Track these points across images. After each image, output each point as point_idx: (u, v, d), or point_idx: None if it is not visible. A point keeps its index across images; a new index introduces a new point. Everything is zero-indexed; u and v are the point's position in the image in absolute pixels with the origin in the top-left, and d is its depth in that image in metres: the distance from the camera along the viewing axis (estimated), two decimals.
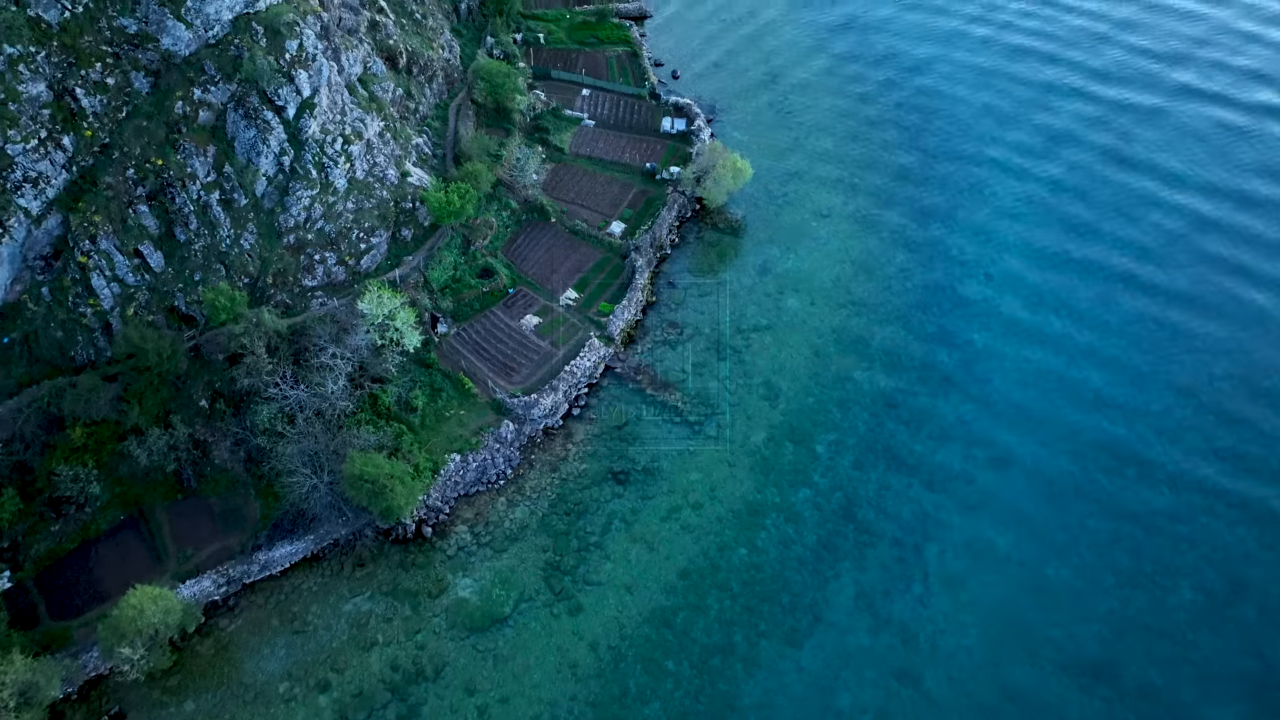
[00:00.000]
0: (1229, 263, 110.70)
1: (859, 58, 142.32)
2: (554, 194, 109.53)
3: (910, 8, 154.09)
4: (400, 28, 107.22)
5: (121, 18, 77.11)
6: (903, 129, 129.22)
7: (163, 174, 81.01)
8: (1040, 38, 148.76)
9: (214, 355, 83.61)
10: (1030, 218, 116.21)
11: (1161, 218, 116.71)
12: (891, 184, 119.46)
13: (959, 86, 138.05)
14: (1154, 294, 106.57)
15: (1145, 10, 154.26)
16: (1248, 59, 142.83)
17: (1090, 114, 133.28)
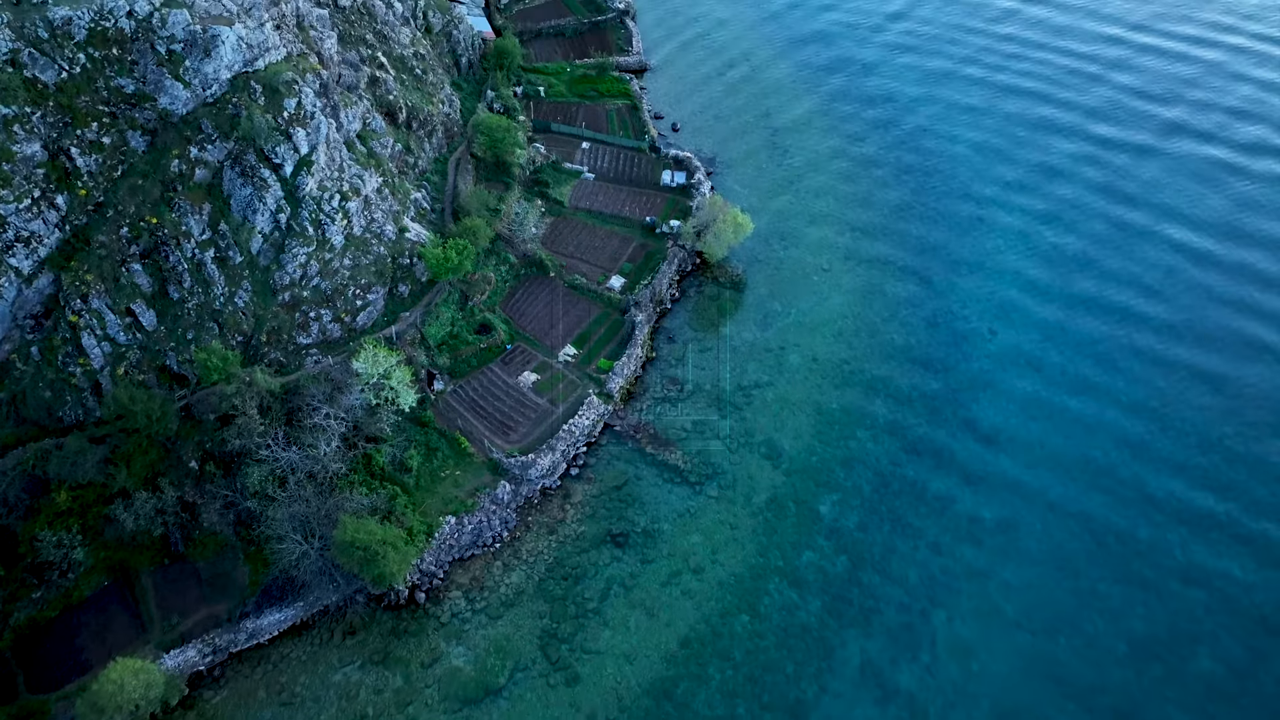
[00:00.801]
0: (1235, 303, 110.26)
1: (856, 106, 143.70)
2: (553, 248, 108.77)
3: (903, 50, 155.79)
4: (400, 83, 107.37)
5: (119, 78, 76.82)
6: (902, 179, 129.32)
7: (157, 232, 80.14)
8: (1033, 79, 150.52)
9: (205, 415, 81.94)
10: (1033, 270, 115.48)
11: (1164, 257, 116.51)
12: (892, 236, 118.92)
13: (956, 133, 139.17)
14: (1161, 340, 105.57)
15: (1136, 51, 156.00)
16: (1236, 99, 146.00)
17: (1084, 153, 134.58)
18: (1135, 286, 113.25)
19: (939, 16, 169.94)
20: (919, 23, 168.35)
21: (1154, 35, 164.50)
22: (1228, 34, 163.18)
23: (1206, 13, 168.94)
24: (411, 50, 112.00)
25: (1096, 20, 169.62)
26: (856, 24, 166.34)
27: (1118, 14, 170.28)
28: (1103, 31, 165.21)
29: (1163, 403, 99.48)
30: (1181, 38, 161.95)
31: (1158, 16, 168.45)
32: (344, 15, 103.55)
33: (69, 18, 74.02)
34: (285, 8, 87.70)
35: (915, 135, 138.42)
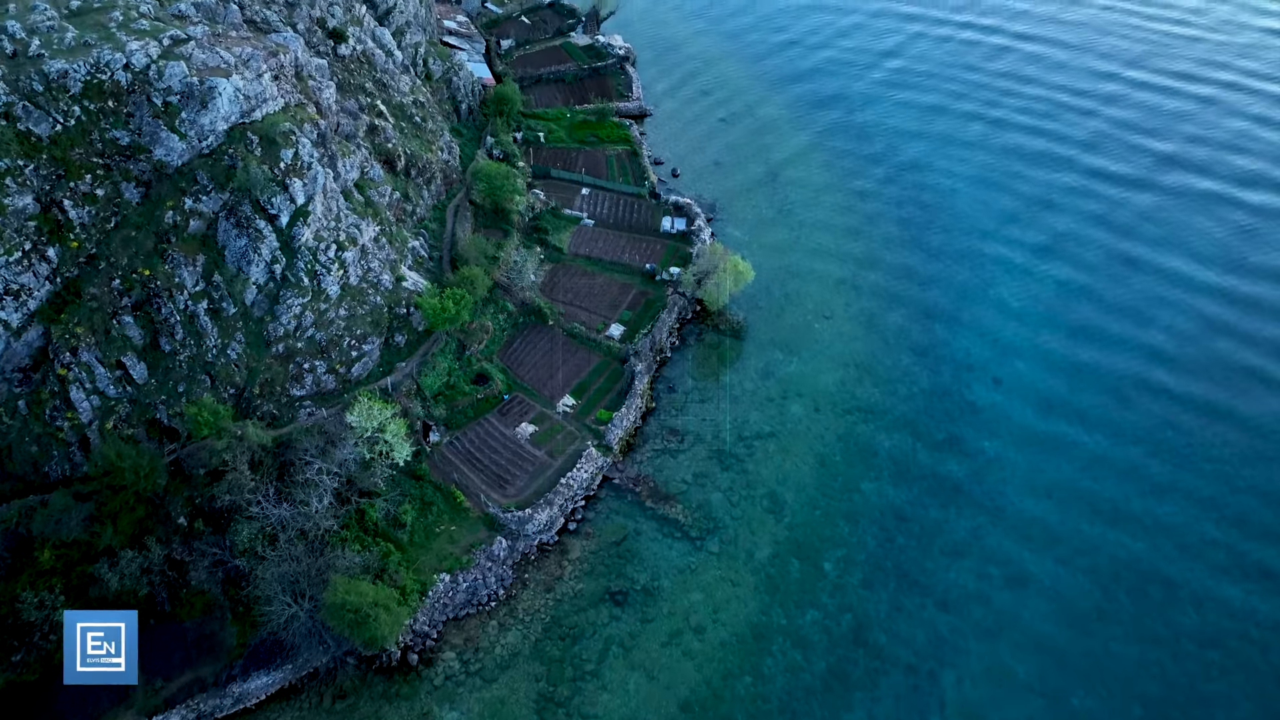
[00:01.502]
0: (1243, 337, 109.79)
1: (854, 147, 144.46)
2: (552, 295, 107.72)
3: (900, 102, 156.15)
4: (399, 131, 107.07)
5: (115, 130, 76.24)
6: (903, 222, 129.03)
7: (149, 284, 79.03)
8: (1033, 134, 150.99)
9: (195, 470, 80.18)
10: (1036, 316, 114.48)
11: (1170, 313, 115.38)
12: (894, 282, 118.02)
13: (955, 170, 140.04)
14: (1169, 396, 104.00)
15: (1139, 110, 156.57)
16: (1227, 134, 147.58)
17: (1082, 187, 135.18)
18: (1140, 322, 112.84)
19: (933, 53, 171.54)
20: (913, 60, 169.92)
21: (1148, 72, 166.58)
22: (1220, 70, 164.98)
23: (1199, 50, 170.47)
24: (411, 98, 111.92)
25: (1093, 56, 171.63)
26: (851, 61, 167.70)
27: (1112, 51, 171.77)
28: (1097, 67, 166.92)
29: (1172, 446, 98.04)
30: (1174, 74, 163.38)
31: (1150, 54, 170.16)
32: (343, 64, 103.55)
33: (65, 70, 73.60)
34: (284, 58, 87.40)
35: (914, 176, 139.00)
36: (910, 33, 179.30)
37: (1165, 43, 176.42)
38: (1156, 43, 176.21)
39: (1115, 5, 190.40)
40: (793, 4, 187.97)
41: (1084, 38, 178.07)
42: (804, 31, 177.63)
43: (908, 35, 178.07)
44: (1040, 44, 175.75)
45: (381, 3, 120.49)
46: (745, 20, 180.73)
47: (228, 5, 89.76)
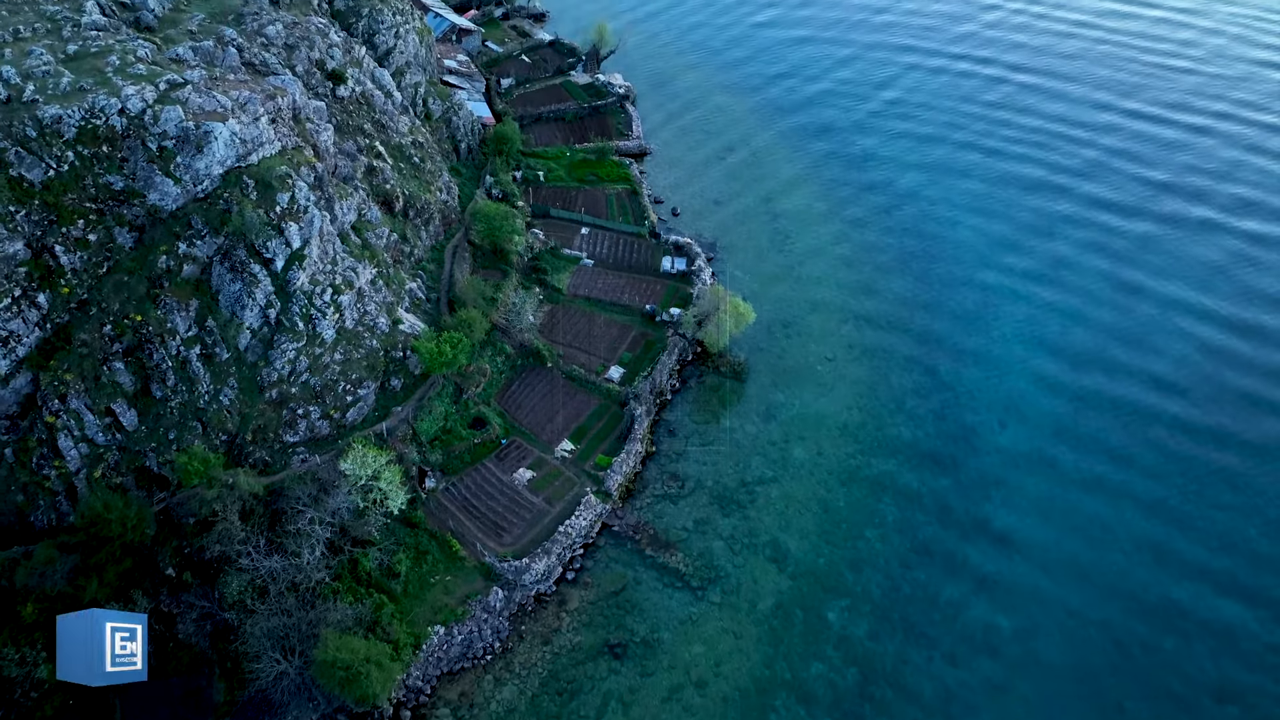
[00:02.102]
0: (1252, 392, 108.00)
1: (854, 185, 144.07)
2: (551, 336, 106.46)
3: (898, 134, 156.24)
4: (398, 171, 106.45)
5: (108, 175, 75.41)
6: (904, 261, 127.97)
7: (141, 330, 77.71)
8: (1031, 164, 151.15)
9: (185, 519, 78.36)
10: (1039, 352, 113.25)
11: (1176, 344, 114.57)
12: (896, 321, 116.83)
13: (955, 206, 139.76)
14: (1178, 429, 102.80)
15: (1133, 139, 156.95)
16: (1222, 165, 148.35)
17: (1083, 224, 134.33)
18: (1148, 372, 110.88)
19: (928, 84, 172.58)
20: (907, 91, 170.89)
21: (1141, 102, 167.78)
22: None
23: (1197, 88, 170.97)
24: (410, 138, 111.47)
25: (1086, 85, 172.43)
26: (848, 94, 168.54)
27: (1107, 83, 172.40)
28: (1094, 97, 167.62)
29: (1183, 499, 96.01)
30: (1182, 125, 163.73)
31: (1143, 85, 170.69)
32: (342, 105, 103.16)
33: (59, 116, 72.90)
34: (281, 101, 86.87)
35: (915, 212, 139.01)
36: (905, 64, 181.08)
37: (1158, 74, 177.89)
38: (1150, 74, 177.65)
39: (1108, 39, 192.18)
40: (788, 39, 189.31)
41: (1079, 69, 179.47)
42: (800, 65, 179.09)
43: (902, 67, 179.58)
44: (1035, 75, 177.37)
45: (382, 43, 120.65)
46: (743, 55, 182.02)
47: (226, 49, 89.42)
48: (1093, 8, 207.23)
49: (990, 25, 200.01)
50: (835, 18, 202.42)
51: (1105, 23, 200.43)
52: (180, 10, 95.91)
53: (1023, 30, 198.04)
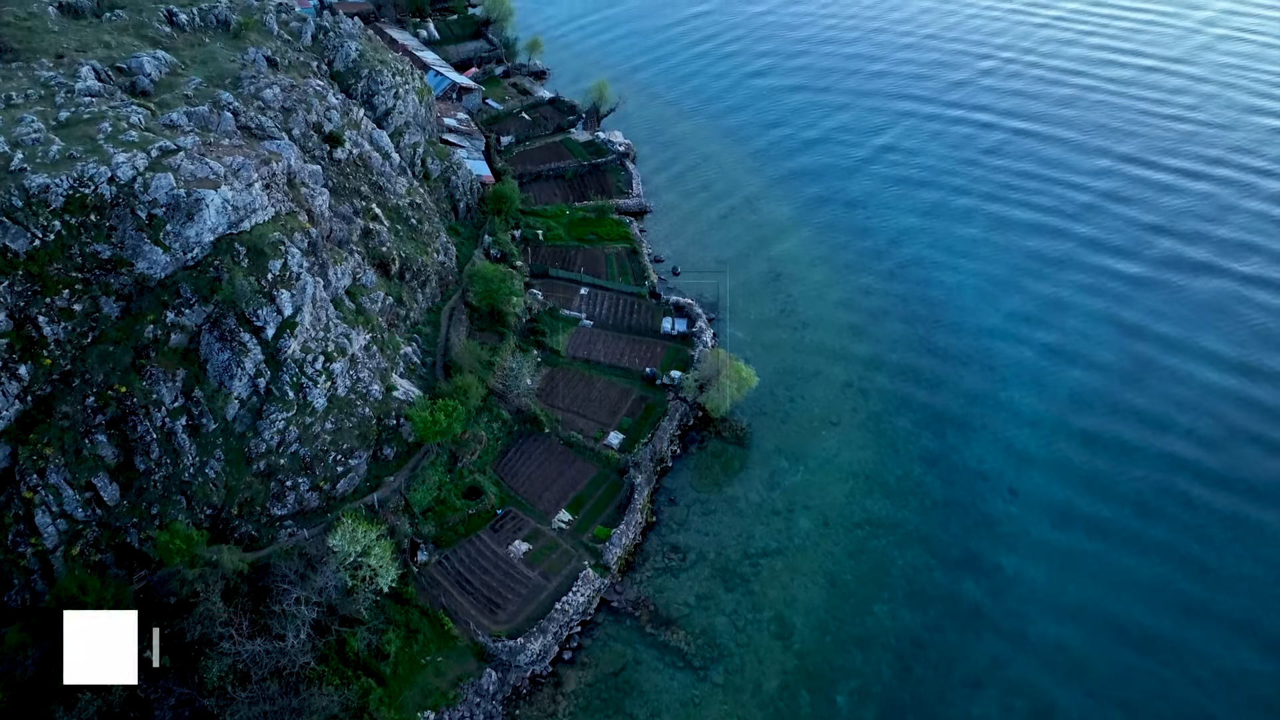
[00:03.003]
0: (1262, 436, 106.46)
1: (856, 243, 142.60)
2: (549, 401, 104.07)
3: (899, 193, 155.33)
4: (395, 234, 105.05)
5: (96, 244, 73.66)
6: (907, 320, 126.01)
7: (125, 401, 75.38)
8: (1029, 208, 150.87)
9: (165, 599, 75.10)
10: (1050, 420, 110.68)
11: (1186, 392, 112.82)
12: (901, 385, 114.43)
13: (957, 264, 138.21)
14: (1196, 477, 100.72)
15: (1127, 184, 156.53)
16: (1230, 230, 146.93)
17: (1099, 304, 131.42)
18: (1158, 424, 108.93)
19: (928, 146, 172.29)
20: (900, 138, 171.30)
21: (1135, 148, 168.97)
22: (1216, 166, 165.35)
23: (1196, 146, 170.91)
24: (407, 199, 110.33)
25: (1080, 132, 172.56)
26: (848, 153, 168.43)
27: (1107, 144, 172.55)
28: (1088, 144, 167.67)
29: (1204, 550, 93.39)
30: (1174, 170, 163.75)
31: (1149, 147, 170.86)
32: (339, 168, 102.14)
33: (46, 185, 71.40)
34: (276, 166, 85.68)
35: (914, 263, 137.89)
36: (898, 111, 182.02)
37: (1150, 121, 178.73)
38: (1141, 121, 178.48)
39: (1100, 87, 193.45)
40: (785, 95, 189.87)
41: (1071, 116, 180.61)
42: (798, 123, 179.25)
43: (895, 114, 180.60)
44: (1027, 121, 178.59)
45: (381, 104, 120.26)
46: (738, 106, 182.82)
47: (222, 113, 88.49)
48: (1084, 57, 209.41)
49: (983, 74, 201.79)
50: (829, 66, 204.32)
51: (1097, 71, 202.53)
52: (177, 75, 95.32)
53: (1015, 78, 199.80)
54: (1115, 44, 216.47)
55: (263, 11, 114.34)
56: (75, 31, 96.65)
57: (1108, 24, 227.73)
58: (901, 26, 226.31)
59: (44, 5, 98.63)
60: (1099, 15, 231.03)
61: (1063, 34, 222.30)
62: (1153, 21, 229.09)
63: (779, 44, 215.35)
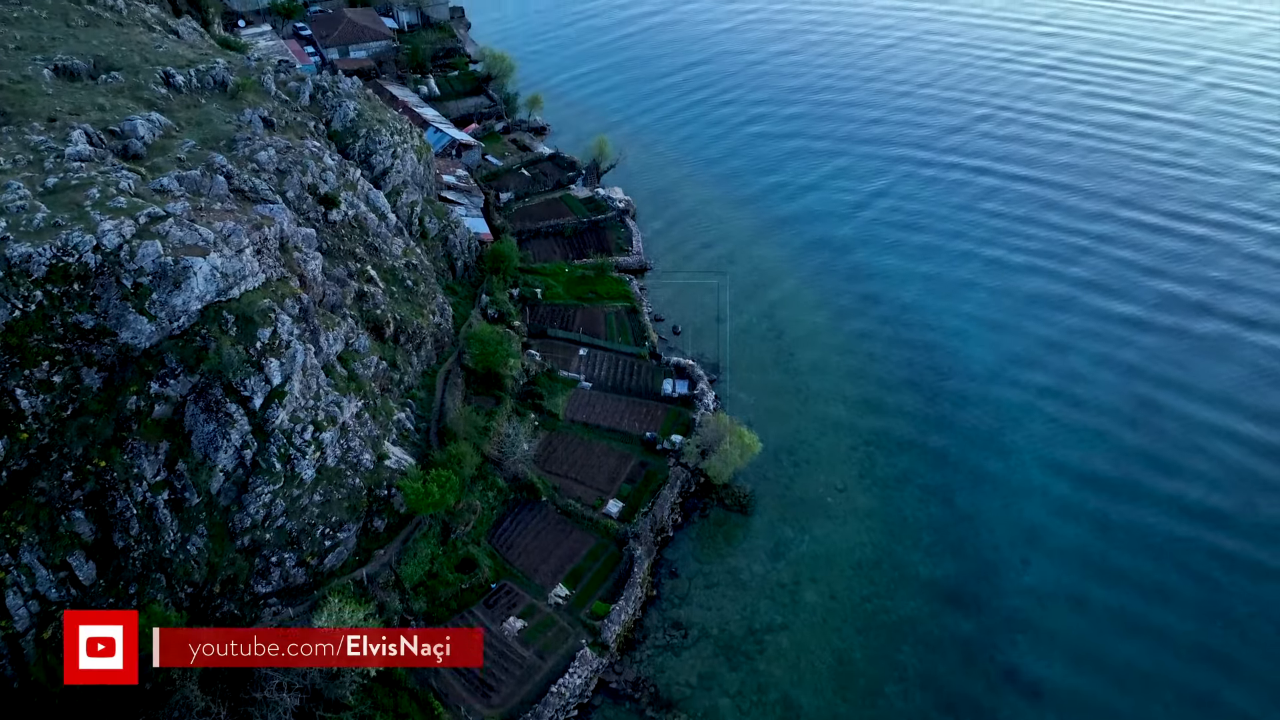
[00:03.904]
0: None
1: (861, 300, 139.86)
2: (546, 466, 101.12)
3: (898, 244, 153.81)
4: (390, 296, 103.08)
5: (79, 314, 71.41)
6: (916, 382, 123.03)
7: (105, 475, 72.46)
8: (1027, 253, 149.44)
9: (141, 684, 71.28)
10: (1061, 478, 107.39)
11: (1202, 462, 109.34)
12: (909, 448, 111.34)
13: (961, 322, 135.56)
14: (1217, 556, 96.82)
15: (1133, 247, 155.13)
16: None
17: (1101, 350, 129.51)
18: (1177, 493, 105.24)
19: (922, 193, 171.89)
20: (902, 198, 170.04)
21: (1139, 210, 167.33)
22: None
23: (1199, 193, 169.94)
24: (403, 260, 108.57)
25: (1082, 194, 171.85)
26: (842, 200, 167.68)
27: (1101, 190, 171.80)
28: (1090, 206, 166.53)
29: (1226, 637, 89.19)
30: (1169, 214, 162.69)
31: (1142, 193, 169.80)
32: (333, 230, 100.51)
33: (29, 254, 69.36)
34: (268, 231, 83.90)
35: (919, 321, 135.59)
36: (900, 172, 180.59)
37: (1156, 182, 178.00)
38: (1147, 182, 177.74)
39: (1102, 147, 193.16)
40: (781, 144, 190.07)
41: (1074, 177, 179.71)
42: (793, 170, 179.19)
43: (899, 174, 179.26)
44: (1031, 183, 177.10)
45: (379, 163, 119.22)
46: (737, 163, 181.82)
47: (214, 177, 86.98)
48: (1076, 104, 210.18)
49: (978, 121, 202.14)
50: (824, 115, 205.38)
51: (1089, 118, 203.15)
52: (171, 137, 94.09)
53: (1009, 125, 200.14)
54: (1106, 91, 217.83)
55: (261, 72, 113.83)
56: (70, 94, 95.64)
57: (1098, 72, 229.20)
58: (895, 75, 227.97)
59: (39, 68, 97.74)
60: (1089, 64, 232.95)
61: (1054, 82, 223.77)
62: (1142, 70, 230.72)
63: (774, 93, 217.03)
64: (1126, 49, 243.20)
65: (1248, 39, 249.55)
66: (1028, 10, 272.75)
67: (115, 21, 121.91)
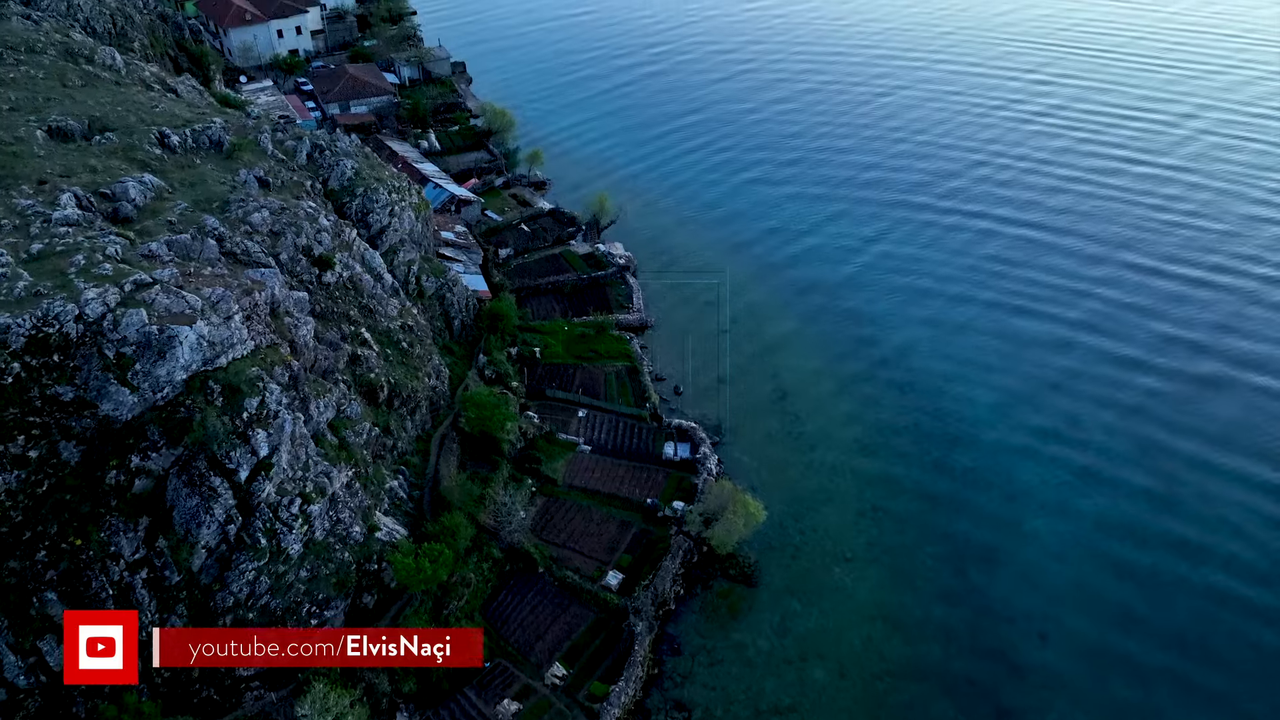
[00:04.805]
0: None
1: (867, 361, 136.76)
2: (544, 535, 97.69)
3: (897, 290, 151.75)
4: (384, 359, 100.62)
5: (58, 386, 68.80)
6: (924, 443, 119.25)
7: (81, 554, 69.21)
8: (1034, 315, 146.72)
9: None
10: (1078, 550, 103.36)
11: (1227, 512, 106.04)
12: (918, 514, 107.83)
13: (976, 392, 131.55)
14: (1259, 626, 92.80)
15: (1133, 291, 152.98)
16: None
17: (1101, 392, 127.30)
18: (1192, 548, 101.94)
19: (924, 249, 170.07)
20: (904, 257, 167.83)
21: (1137, 254, 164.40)
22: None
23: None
24: (399, 322, 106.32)
25: (1079, 239, 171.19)
26: (845, 257, 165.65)
27: (1104, 251, 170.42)
28: (1093, 269, 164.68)
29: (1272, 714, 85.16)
30: (1176, 276, 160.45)
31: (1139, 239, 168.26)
32: (327, 292, 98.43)
33: (7, 325, 66.99)
34: (259, 296, 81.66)
35: (924, 379, 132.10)
36: (895, 218, 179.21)
37: (1151, 228, 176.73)
38: (1142, 228, 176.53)
39: (1094, 192, 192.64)
40: (779, 198, 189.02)
41: (1070, 222, 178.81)
42: (794, 226, 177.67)
43: (900, 229, 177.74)
44: (1027, 228, 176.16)
45: (375, 222, 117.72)
46: (736, 217, 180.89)
47: (205, 241, 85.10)
48: (1078, 163, 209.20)
49: (980, 180, 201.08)
50: (821, 162, 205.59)
51: (1093, 177, 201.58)
52: (163, 199, 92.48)
53: (1010, 185, 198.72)
54: (1110, 150, 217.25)
55: (258, 131, 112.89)
56: (62, 156, 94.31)
57: (1102, 131, 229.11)
58: (892, 126, 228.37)
59: (32, 129, 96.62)
60: (1093, 122, 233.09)
61: (1049, 129, 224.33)
62: (1145, 129, 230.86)
63: (770, 139, 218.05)
64: (1118, 96, 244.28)
65: (1236, 86, 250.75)
66: (1021, 59, 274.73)
67: (113, 81, 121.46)
